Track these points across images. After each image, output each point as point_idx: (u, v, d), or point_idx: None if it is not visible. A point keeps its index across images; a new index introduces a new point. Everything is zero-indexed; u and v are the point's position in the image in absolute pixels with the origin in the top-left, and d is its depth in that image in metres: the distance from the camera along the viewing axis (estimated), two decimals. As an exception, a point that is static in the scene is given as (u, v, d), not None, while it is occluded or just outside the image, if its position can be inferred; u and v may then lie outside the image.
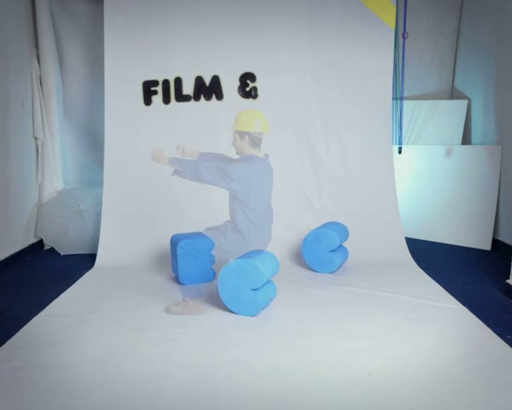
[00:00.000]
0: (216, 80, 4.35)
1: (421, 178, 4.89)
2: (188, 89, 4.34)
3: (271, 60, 4.37)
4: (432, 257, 4.25)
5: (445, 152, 4.81)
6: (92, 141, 4.93)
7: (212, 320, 2.92)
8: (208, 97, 4.36)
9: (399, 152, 4.88)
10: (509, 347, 2.54)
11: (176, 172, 3.76)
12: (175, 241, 3.56)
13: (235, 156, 3.83)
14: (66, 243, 4.39)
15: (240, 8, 4.30)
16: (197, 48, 4.31)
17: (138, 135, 4.31)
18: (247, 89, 4.37)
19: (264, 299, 3.00)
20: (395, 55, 4.60)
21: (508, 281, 3.35)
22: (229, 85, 4.36)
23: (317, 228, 3.88)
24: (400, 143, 4.89)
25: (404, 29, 4.66)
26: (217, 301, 3.23)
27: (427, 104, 5.05)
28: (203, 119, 4.35)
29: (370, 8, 4.35)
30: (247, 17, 4.31)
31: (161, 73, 4.30)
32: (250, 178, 3.69)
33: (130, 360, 2.43)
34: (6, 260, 4.02)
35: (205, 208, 4.31)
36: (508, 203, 4.41)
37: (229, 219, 3.94)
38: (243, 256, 3.05)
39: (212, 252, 3.60)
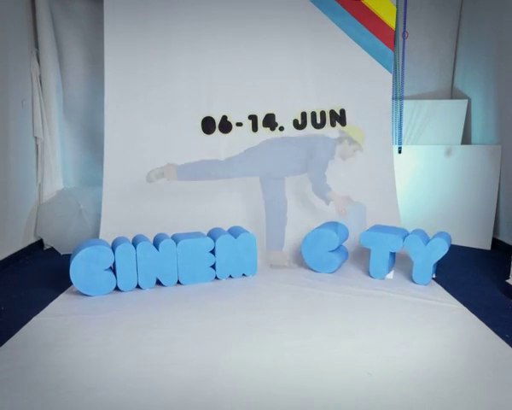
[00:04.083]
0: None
1: (421, 178, 4.89)
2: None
3: (271, 60, 4.37)
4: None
5: (444, 152, 4.81)
6: (92, 141, 4.93)
7: (212, 320, 2.92)
8: None
9: (399, 152, 4.88)
10: (508, 346, 2.54)
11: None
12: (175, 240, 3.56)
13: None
14: (66, 242, 4.39)
15: (240, 10, 4.30)
16: (197, 48, 4.31)
17: (138, 135, 4.31)
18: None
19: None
20: (395, 55, 4.60)
21: (508, 281, 3.36)
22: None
23: (317, 228, 3.88)
24: (400, 142, 4.89)
25: (404, 29, 4.67)
26: (216, 301, 3.23)
27: (426, 104, 5.05)
28: (202, 116, 4.37)
29: (371, 8, 4.36)
30: (248, 18, 4.31)
31: (161, 72, 4.30)
32: None
33: (130, 360, 2.43)
34: (6, 260, 4.01)
35: (205, 209, 4.32)
36: (508, 203, 4.41)
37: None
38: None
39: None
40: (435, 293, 3.35)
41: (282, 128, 4.44)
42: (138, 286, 3.45)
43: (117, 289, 3.39)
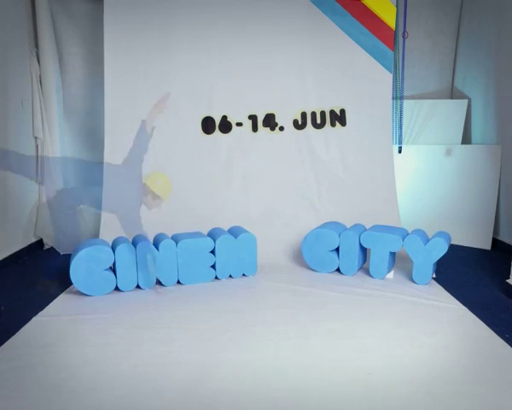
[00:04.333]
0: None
1: (421, 178, 4.89)
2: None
3: (271, 60, 4.37)
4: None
5: (444, 152, 4.81)
6: (92, 141, 4.93)
7: (212, 320, 2.92)
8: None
9: (399, 151, 4.88)
10: (508, 346, 2.54)
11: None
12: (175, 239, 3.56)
13: None
14: (66, 242, 4.39)
15: (240, 10, 4.31)
16: (197, 49, 4.31)
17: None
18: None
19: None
20: (395, 55, 4.61)
21: (508, 281, 3.35)
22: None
23: (317, 228, 3.88)
24: (400, 142, 4.89)
25: (404, 29, 4.67)
26: (216, 301, 3.23)
27: (427, 104, 5.05)
28: (202, 116, 4.38)
29: (371, 8, 4.36)
30: (248, 18, 4.32)
31: (161, 73, 4.30)
32: None
33: (131, 360, 2.43)
34: (6, 260, 4.01)
35: (205, 208, 4.32)
36: (508, 203, 4.41)
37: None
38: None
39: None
40: (435, 293, 3.35)
41: (282, 128, 4.45)
42: (138, 286, 3.46)
43: (117, 289, 3.39)
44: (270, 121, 4.44)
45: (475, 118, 4.97)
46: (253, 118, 4.43)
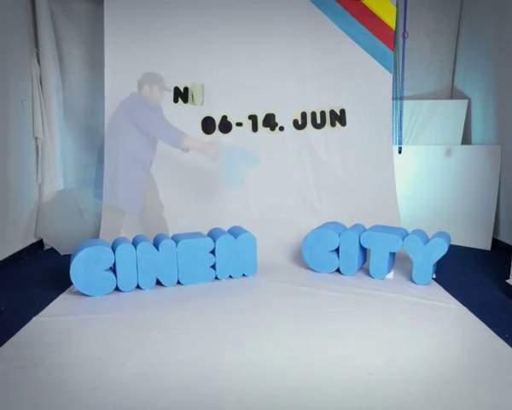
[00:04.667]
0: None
1: (421, 178, 4.89)
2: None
3: (271, 62, 4.38)
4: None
5: (444, 152, 4.81)
6: (92, 141, 4.93)
7: (212, 320, 2.93)
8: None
9: (399, 152, 4.89)
10: (508, 346, 2.55)
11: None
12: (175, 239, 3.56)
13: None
14: (66, 243, 4.39)
15: (240, 10, 4.31)
16: (197, 49, 4.31)
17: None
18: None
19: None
20: (395, 55, 4.61)
21: (508, 281, 3.36)
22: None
23: (317, 228, 3.88)
24: (400, 142, 4.90)
25: (404, 29, 4.67)
26: (216, 302, 3.23)
27: (426, 104, 5.06)
28: (202, 116, 4.38)
29: (371, 8, 4.37)
30: (248, 18, 4.32)
31: (161, 73, 4.29)
32: None
33: (132, 360, 2.43)
34: (6, 260, 4.02)
35: (205, 208, 4.32)
36: (508, 203, 4.41)
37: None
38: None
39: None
40: (435, 293, 3.36)
41: (282, 128, 4.45)
42: (138, 286, 3.46)
43: (117, 289, 3.40)
44: (270, 121, 4.44)
45: (475, 118, 4.97)
46: (253, 118, 4.43)
